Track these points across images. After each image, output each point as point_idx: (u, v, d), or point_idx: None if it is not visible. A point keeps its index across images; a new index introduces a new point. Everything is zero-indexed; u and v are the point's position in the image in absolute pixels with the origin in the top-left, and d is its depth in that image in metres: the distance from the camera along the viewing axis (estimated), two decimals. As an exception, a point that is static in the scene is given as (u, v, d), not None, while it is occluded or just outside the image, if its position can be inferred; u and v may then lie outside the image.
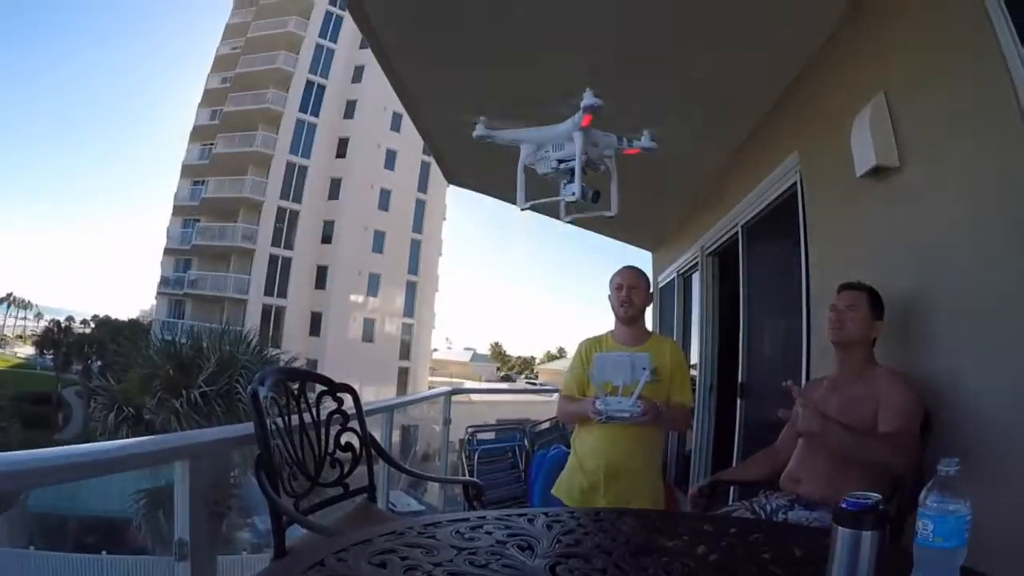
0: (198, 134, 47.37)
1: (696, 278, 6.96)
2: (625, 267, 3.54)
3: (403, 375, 45.20)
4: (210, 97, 47.58)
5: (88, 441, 27.74)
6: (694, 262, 6.96)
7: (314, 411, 2.86)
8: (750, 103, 4.54)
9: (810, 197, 3.88)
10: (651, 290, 3.60)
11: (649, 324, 4.15)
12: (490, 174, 7.09)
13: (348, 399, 3.12)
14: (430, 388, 47.14)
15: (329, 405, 3.01)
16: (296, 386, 2.83)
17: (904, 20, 2.79)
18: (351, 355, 40.36)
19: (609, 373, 3.13)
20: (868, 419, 2.36)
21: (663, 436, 3.53)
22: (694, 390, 5.83)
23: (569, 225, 9.65)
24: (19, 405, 29.09)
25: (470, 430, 6.44)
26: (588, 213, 2.75)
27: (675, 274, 7.97)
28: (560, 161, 2.55)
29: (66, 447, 1.90)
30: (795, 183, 4.05)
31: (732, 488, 3.65)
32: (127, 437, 13.94)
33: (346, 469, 2.94)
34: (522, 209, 2.68)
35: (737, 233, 5.32)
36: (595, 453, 3.31)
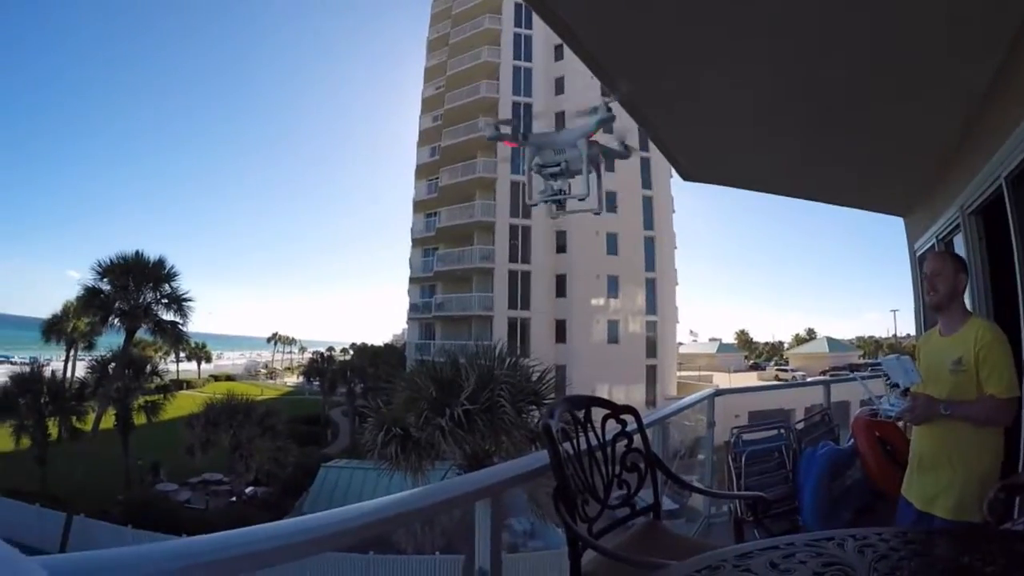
0: (422, 172, 50.75)
1: (959, 242, 5.98)
2: (930, 254, 3.57)
3: (651, 373, 44.91)
4: (426, 136, 50.65)
5: (355, 452, 30.27)
6: (954, 223, 6.01)
7: (599, 433, 2.93)
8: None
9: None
10: (961, 272, 3.35)
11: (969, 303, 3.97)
12: (729, 166, 6.91)
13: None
14: (679, 384, 46.67)
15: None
16: (582, 413, 2.90)
17: None
18: (598, 358, 40.87)
19: (895, 376, 3.24)
20: None
21: (977, 434, 3.08)
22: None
23: (807, 201, 9.18)
24: (293, 427, 32.49)
25: (735, 431, 6.23)
26: (576, 211, 2.94)
27: (934, 240, 6.93)
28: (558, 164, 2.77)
29: (376, 500, 2.08)
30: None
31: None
32: (396, 454, 14.91)
33: (632, 489, 2.99)
34: (532, 205, 2.90)
35: (1001, 186, 4.49)
36: (912, 447, 3.43)
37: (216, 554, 1.51)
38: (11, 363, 68.17)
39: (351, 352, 65.12)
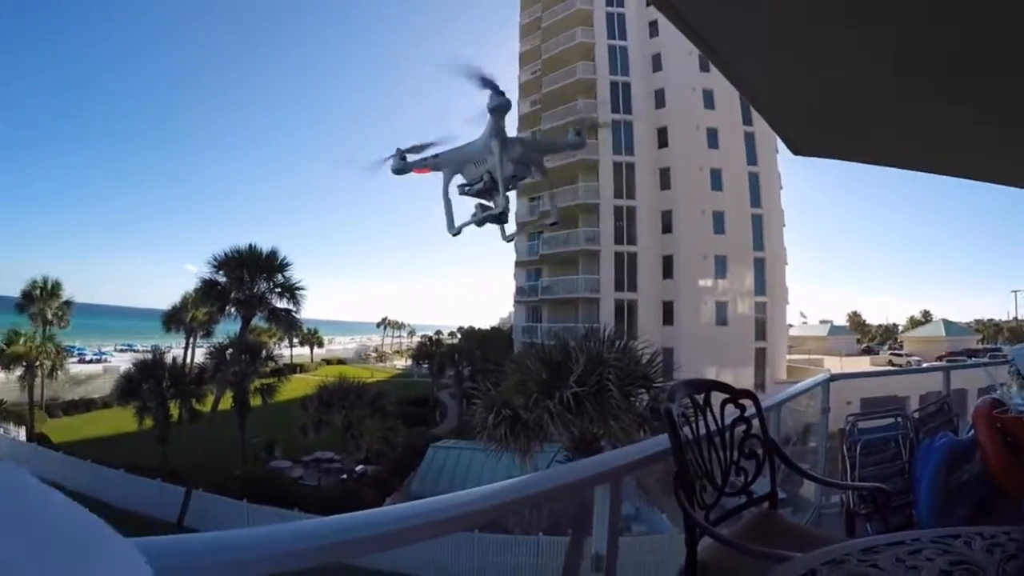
0: (524, 158, 50.12)
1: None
2: None
3: (760, 356, 43.84)
4: (526, 121, 50.32)
5: (463, 433, 30.94)
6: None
7: (718, 418, 2.89)
8: None
9: None
10: None
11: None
12: (843, 137, 6.54)
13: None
14: (789, 367, 45.55)
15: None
16: (701, 397, 2.87)
17: None
18: (706, 340, 40.11)
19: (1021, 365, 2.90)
20: None
21: None
22: None
23: (924, 174, 8.57)
24: (402, 408, 33.20)
25: (851, 419, 5.98)
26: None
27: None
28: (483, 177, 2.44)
29: (499, 484, 2.13)
30: None
31: None
32: (505, 436, 15.00)
33: (749, 476, 2.96)
34: (453, 234, 2.68)
35: None
36: None
37: (339, 535, 1.58)
38: (134, 351, 74.04)
39: (459, 335, 66.37)
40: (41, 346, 37.92)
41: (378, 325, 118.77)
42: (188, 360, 42.27)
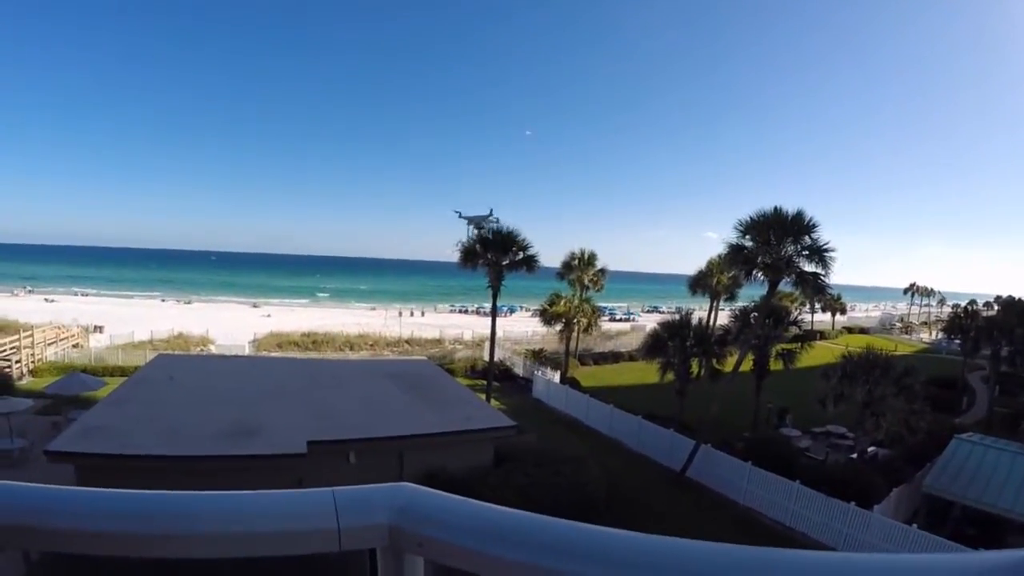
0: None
1: None
2: None
3: None
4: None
5: (990, 427, 31.08)
6: None
7: None
8: None
9: None
10: None
11: None
12: None
13: None
14: None
15: None
16: None
17: None
18: None
19: None
20: None
21: None
22: None
23: None
24: (927, 388, 28.64)
25: None
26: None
27: None
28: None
29: None
30: None
31: None
32: None
33: None
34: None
35: None
36: None
37: None
38: (659, 312, 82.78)
39: (997, 307, 59.10)
40: (578, 306, 44.13)
41: (905, 291, 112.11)
42: (711, 322, 45.07)
